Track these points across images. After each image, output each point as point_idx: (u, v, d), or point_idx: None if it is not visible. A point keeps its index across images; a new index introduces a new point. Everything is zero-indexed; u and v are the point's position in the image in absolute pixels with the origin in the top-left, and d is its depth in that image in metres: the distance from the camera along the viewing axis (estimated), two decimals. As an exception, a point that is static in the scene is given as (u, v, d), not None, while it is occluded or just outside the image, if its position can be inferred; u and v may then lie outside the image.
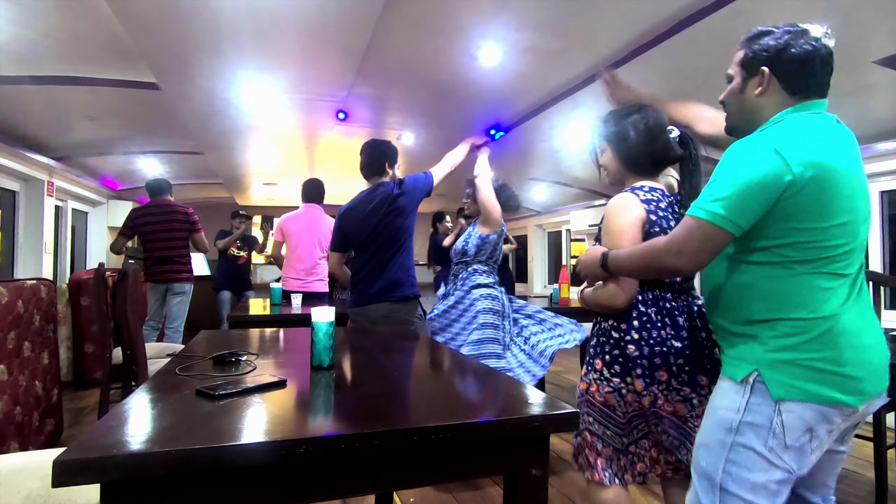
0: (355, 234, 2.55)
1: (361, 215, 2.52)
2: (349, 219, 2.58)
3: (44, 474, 1.21)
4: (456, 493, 2.42)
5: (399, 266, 2.49)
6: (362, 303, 2.50)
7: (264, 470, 0.77)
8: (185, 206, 4.17)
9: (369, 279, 2.50)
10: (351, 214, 2.57)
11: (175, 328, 4.10)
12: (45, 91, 3.43)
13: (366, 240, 2.51)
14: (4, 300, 2.31)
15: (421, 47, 3.00)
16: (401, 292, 2.47)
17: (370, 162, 2.60)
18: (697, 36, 2.57)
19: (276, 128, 4.57)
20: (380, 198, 2.49)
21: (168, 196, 4.17)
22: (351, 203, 2.62)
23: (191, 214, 4.13)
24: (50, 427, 2.74)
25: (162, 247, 3.97)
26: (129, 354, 2.64)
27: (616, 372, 1.39)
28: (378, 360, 1.55)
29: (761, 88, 1.14)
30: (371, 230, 2.48)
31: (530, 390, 1.07)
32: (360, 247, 2.56)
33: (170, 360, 1.37)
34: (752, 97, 1.16)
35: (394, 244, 2.49)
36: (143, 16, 2.51)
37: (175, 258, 4.02)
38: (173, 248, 4.02)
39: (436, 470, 0.90)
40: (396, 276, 2.48)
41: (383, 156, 2.61)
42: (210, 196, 8.00)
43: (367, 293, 2.49)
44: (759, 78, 1.14)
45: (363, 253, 2.55)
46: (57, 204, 4.96)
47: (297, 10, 2.50)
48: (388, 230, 2.48)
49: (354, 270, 2.59)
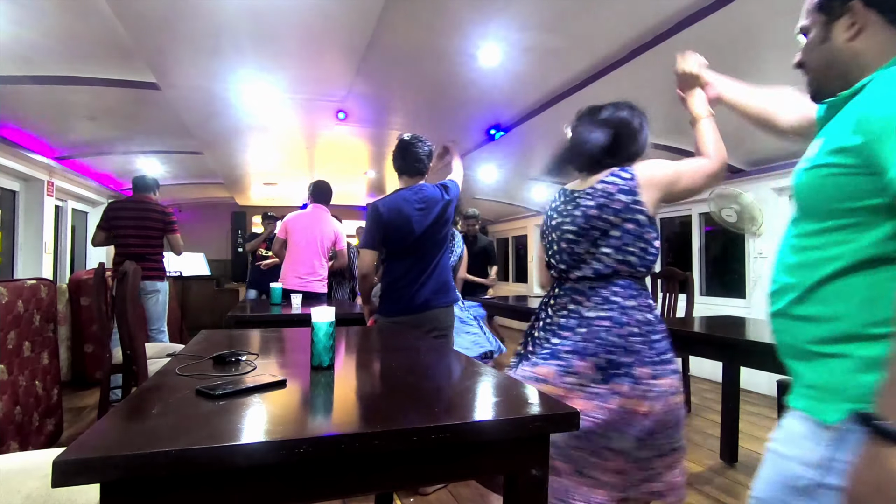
0: (401, 235, 2.36)
1: (412, 217, 2.34)
2: (397, 217, 2.36)
3: (44, 474, 1.21)
4: (456, 493, 2.42)
5: (445, 269, 2.45)
6: (412, 310, 2.36)
7: (264, 470, 0.77)
8: (163, 206, 4.02)
9: (415, 285, 2.36)
10: (399, 214, 2.35)
11: (157, 328, 3.96)
12: (45, 91, 3.43)
13: (413, 243, 2.36)
14: (4, 300, 2.31)
15: (421, 47, 3.01)
16: (449, 297, 2.44)
17: (419, 159, 2.42)
18: (697, 36, 2.57)
19: (276, 128, 4.57)
20: (432, 202, 2.38)
21: (151, 194, 4.02)
22: (394, 202, 2.38)
23: (168, 214, 3.99)
24: (50, 427, 2.74)
25: (133, 244, 3.83)
26: (129, 354, 2.64)
27: None
28: (378, 360, 1.55)
29: (854, 29, 0.85)
30: (421, 234, 2.35)
31: (530, 390, 1.07)
32: (401, 250, 2.39)
33: (170, 360, 1.37)
34: (842, 44, 0.87)
35: (439, 249, 2.43)
36: (143, 16, 2.52)
37: (146, 256, 3.85)
38: (145, 246, 3.87)
39: (436, 470, 0.90)
40: (444, 279, 2.43)
41: (429, 156, 2.47)
42: (210, 196, 8.01)
43: (417, 300, 2.35)
44: (847, 18, 0.85)
45: (405, 258, 2.38)
46: (57, 204, 4.96)
47: (297, 11, 2.50)
48: (437, 236, 2.40)
49: (395, 277, 2.41)
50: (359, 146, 5.26)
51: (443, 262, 2.44)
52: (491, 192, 6.87)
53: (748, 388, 4.14)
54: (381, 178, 6.81)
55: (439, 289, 2.40)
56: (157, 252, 3.97)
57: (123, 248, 3.82)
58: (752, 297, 4.47)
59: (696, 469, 2.70)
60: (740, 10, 2.31)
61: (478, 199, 7.03)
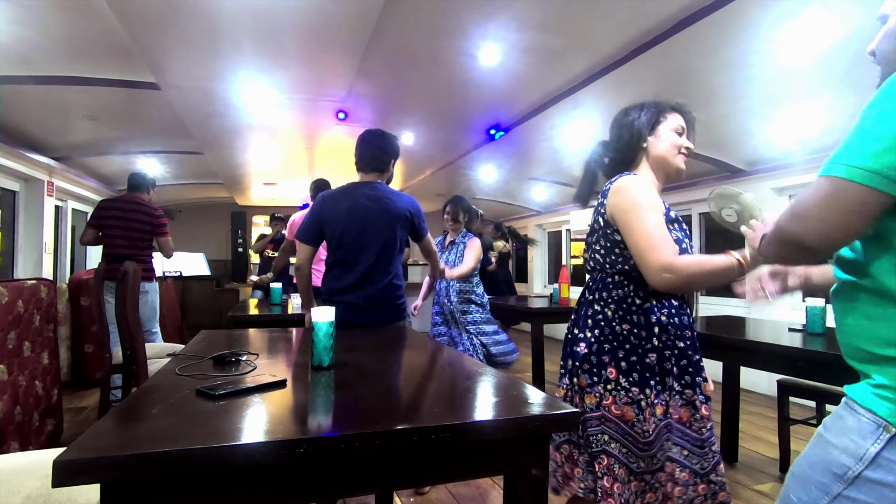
0: (342, 230, 2.13)
1: (359, 213, 2.13)
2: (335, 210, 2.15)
3: (44, 474, 1.21)
4: (456, 493, 2.42)
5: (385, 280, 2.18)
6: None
7: (264, 470, 0.77)
8: (152, 206, 3.95)
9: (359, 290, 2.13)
10: (338, 206, 2.15)
11: (150, 330, 3.90)
12: (45, 91, 3.43)
13: (355, 241, 2.13)
14: (4, 300, 2.31)
15: (421, 47, 3.01)
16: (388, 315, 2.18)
17: (377, 155, 2.22)
18: (697, 36, 2.57)
19: (276, 128, 4.57)
20: (389, 208, 2.16)
21: (144, 194, 3.96)
22: (337, 193, 2.21)
23: (158, 216, 3.92)
24: (50, 427, 2.74)
25: (120, 244, 3.77)
26: (129, 354, 2.64)
27: (634, 381, 1.27)
28: (378, 360, 1.55)
29: None
30: (359, 233, 2.14)
31: (530, 390, 1.07)
32: (342, 247, 2.15)
33: (170, 360, 1.37)
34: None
35: (381, 256, 2.16)
36: (143, 16, 2.52)
37: (134, 256, 3.74)
38: (132, 247, 3.81)
39: (436, 470, 0.90)
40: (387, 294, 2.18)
41: (393, 151, 2.26)
42: (210, 196, 8.01)
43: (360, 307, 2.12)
44: None
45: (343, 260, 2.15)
46: (57, 204, 4.96)
47: (297, 11, 2.50)
48: (391, 241, 2.16)
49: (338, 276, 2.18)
50: (359, 146, 5.25)
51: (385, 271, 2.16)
52: (491, 192, 6.87)
53: (748, 388, 4.14)
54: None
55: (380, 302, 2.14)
56: (146, 253, 3.88)
57: (111, 248, 3.74)
58: (752, 297, 4.45)
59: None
60: (739, 10, 2.32)
61: (478, 199, 7.03)
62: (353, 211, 2.12)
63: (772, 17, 2.38)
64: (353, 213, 2.12)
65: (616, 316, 1.33)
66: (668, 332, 1.32)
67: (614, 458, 1.27)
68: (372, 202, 2.14)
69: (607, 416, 1.29)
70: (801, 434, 3.12)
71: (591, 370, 1.32)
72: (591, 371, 1.32)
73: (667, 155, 1.41)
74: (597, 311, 1.36)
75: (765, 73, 2.92)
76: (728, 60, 2.85)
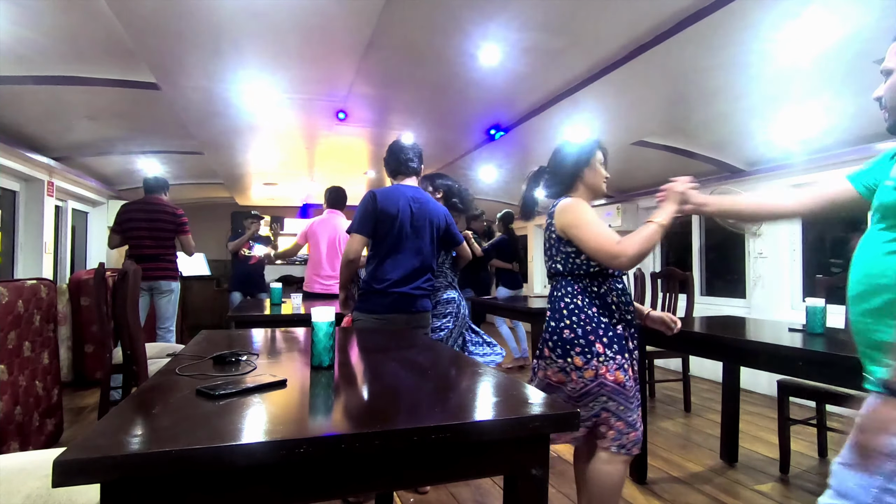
0: (398, 225, 2.32)
1: (413, 210, 2.36)
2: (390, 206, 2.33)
3: (44, 474, 1.21)
4: (456, 493, 2.42)
5: None
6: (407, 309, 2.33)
7: (264, 470, 0.77)
8: (173, 206, 4.10)
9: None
10: (397, 202, 2.34)
11: (166, 328, 4.03)
12: (45, 91, 3.43)
13: (405, 237, 2.34)
14: (4, 300, 2.31)
15: (421, 47, 3.00)
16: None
17: (417, 160, 2.51)
18: (697, 36, 2.57)
19: (276, 128, 4.57)
20: (437, 211, 2.46)
21: (162, 195, 4.11)
22: (389, 192, 2.38)
23: (179, 215, 4.06)
24: (50, 427, 2.74)
25: (147, 244, 3.91)
26: (129, 354, 2.64)
27: (617, 350, 1.66)
28: (378, 360, 1.55)
29: None
30: (410, 229, 2.35)
31: (530, 390, 1.07)
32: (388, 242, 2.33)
33: (170, 360, 1.37)
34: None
35: (424, 251, 2.42)
36: (143, 16, 2.51)
37: (160, 256, 3.95)
38: (158, 247, 3.95)
39: (436, 470, 0.90)
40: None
41: (422, 155, 2.56)
42: (210, 196, 8.00)
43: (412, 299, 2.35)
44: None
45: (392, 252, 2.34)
46: (57, 204, 4.96)
47: (296, 10, 2.50)
48: (432, 240, 2.43)
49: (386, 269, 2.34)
50: (359, 146, 5.26)
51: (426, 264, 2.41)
52: (491, 192, 6.87)
53: (748, 388, 4.14)
54: (381, 178, 6.81)
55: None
56: (171, 252, 4.07)
57: (137, 249, 3.90)
58: (752, 297, 4.47)
59: (696, 469, 2.70)
60: (739, 10, 2.32)
61: (478, 199, 7.03)
62: (405, 209, 2.35)
63: (772, 17, 2.38)
64: (405, 211, 2.35)
65: (584, 303, 1.69)
66: (620, 308, 1.73)
67: (611, 413, 1.64)
68: (418, 204, 2.39)
69: (604, 382, 1.63)
70: (801, 434, 3.12)
71: (583, 350, 1.64)
72: (583, 351, 1.64)
73: (598, 182, 1.86)
74: (568, 303, 1.70)
75: (765, 73, 2.91)
76: (728, 60, 2.85)
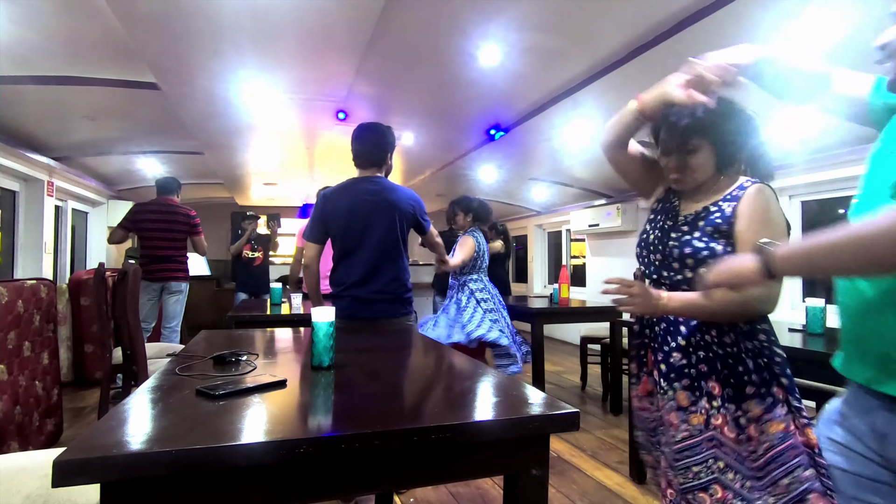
0: (344, 226, 2.17)
1: (361, 210, 2.16)
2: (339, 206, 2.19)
3: (44, 474, 1.21)
4: (456, 493, 2.42)
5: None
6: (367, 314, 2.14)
7: (264, 470, 0.77)
8: (187, 208, 4.20)
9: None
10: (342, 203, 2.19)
11: (172, 328, 4.11)
12: (45, 91, 3.43)
13: (359, 236, 2.16)
14: (4, 300, 2.31)
15: (421, 47, 3.00)
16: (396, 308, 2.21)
17: (372, 150, 2.22)
18: (697, 36, 2.57)
19: (276, 128, 4.57)
20: (402, 200, 2.20)
21: (174, 196, 4.20)
22: (337, 191, 2.24)
23: (192, 217, 4.17)
24: (50, 427, 2.74)
25: (160, 245, 3.99)
26: (129, 354, 2.64)
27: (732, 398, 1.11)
28: (378, 360, 1.55)
29: None
30: (363, 227, 2.16)
31: (530, 390, 1.07)
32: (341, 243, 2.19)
33: (170, 360, 1.37)
34: None
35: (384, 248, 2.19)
36: (143, 16, 2.51)
37: (173, 257, 4.05)
38: (171, 248, 4.04)
39: (435, 470, 0.90)
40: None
41: (388, 144, 2.25)
42: (210, 196, 8.00)
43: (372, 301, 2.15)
44: None
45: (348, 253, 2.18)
46: (57, 204, 4.96)
47: (297, 10, 2.50)
48: (394, 234, 2.18)
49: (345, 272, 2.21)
50: (359, 146, 5.25)
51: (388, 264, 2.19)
52: (491, 192, 6.86)
53: (748, 388, 4.13)
54: (381, 178, 6.80)
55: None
56: (182, 254, 4.15)
57: (150, 249, 3.95)
58: (752, 297, 4.45)
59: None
60: (740, 10, 2.32)
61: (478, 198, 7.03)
62: (354, 206, 2.15)
63: (772, 17, 2.38)
64: (354, 208, 2.15)
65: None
66: None
67: (731, 491, 1.07)
68: (372, 196, 2.17)
69: (720, 438, 1.10)
70: (801, 434, 3.12)
71: (688, 385, 1.16)
72: (687, 387, 1.16)
73: None
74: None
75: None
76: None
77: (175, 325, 4.11)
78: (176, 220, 4.07)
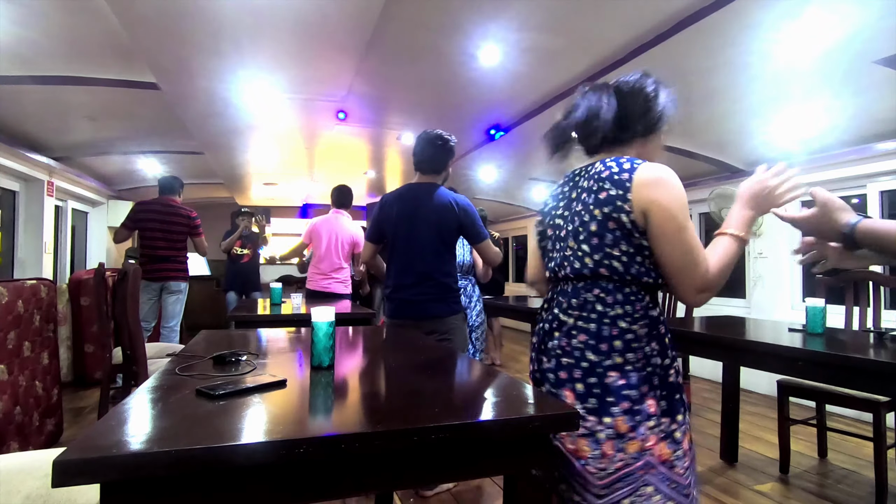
0: (394, 232, 2.30)
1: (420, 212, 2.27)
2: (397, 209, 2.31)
3: (44, 474, 1.21)
4: (456, 493, 2.42)
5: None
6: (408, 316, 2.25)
7: (264, 470, 0.77)
8: (188, 209, 4.20)
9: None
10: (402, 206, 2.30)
11: (171, 327, 4.11)
12: (45, 91, 3.43)
13: (406, 242, 2.28)
14: (4, 300, 2.31)
15: (421, 47, 3.01)
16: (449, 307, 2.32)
17: (433, 157, 2.32)
18: (697, 36, 2.57)
19: (276, 128, 4.57)
20: (443, 207, 2.26)
21: (176, 196, 4.20)
22: (392, 196, 2.36)
23: (193, 217, 4.16)
24: (50, 427, 2.74)
25: (160, 245, 4.00)
26: (129, 354, 2.64)
27: (667, 411, 1.05)
28: (378, 360, 1.55)
29: None
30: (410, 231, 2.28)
31: (530, 390, 1.07)
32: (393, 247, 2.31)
33: (170, 360, 1.37)
34: None
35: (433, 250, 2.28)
36: (143, 16, 2.52)
37: (172, 257, 4.05)
38: (171, 248, 4.05)
39: (436, 470, 0.90)
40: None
41: (447, 153, 2.36)
42: (210, 196, 8.00)
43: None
44: None
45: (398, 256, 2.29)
46: (57, 204, 4.96)
47: (296, 10, 2.50)
48: (439, 241, 2.27)
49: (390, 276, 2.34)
50: (359, 146, 5.26)
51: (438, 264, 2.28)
52: (491, 192, 6.86)
53: (748, 388, 4.14)
54: (381, 178, 6.81)
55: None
56: (182, 254, 4.17)
57: (150, 249, 3.97)
58: (752, 297, 4.47)
59: (697, 469, 2.70)
60: (740, 10, 2.32)
61: (478, 198, 7.03)
62: (403, 213, 2.28)
63: (772, 17, 2.38)
64: (403, 214, 2.27)
65: (643, 332, 1.14)
66: None
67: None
68: (421, 204, 2.27)
69: (652, 462, 1.07)
70: (802, 434, 3.12)
71: (620, 407, 1.08)
72: (620, 409, 1.08)
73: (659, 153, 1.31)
74: (624, 330, 1.13)
75: (765, 73, 2.91)
76: (728, 60, 2.85)
77: (174, 324, 4.12)
78: (176, 221, 4.07)
